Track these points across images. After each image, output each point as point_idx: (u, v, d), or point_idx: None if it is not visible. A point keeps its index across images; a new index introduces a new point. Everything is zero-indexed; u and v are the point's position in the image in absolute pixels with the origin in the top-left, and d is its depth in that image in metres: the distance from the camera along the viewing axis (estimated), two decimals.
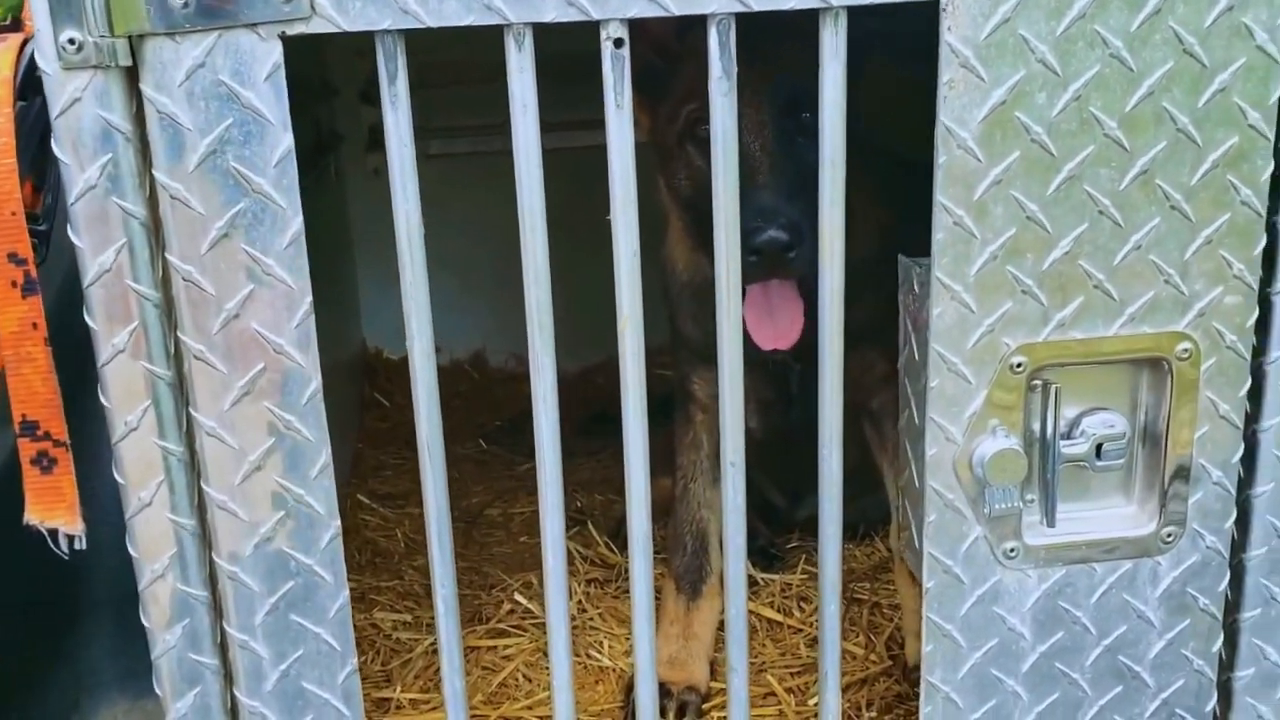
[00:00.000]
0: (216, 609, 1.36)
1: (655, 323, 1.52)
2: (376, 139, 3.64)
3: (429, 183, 1.30)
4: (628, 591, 2.28)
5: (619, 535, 2.46)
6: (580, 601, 2.23)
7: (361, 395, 3.34)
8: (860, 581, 2.25)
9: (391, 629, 2.15)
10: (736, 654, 1.47)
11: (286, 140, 1.22)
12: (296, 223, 1.24)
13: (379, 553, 2.46)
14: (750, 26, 1.26)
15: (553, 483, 1.38)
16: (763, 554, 2.34)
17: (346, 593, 1.37)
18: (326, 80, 3.13)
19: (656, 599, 1.56)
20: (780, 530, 2.46)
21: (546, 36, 1.25)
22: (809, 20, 1.27)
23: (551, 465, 1.37)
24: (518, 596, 2.23)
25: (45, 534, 1.31)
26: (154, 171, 1.21)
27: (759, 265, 1.61)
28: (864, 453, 2.07)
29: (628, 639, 2.12)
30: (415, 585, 2.31)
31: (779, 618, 2.17)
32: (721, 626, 2.06)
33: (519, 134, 1.26)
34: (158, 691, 1.37)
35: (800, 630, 2.13)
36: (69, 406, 1.90)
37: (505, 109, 1.28)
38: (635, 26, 1.23)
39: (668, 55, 1.82)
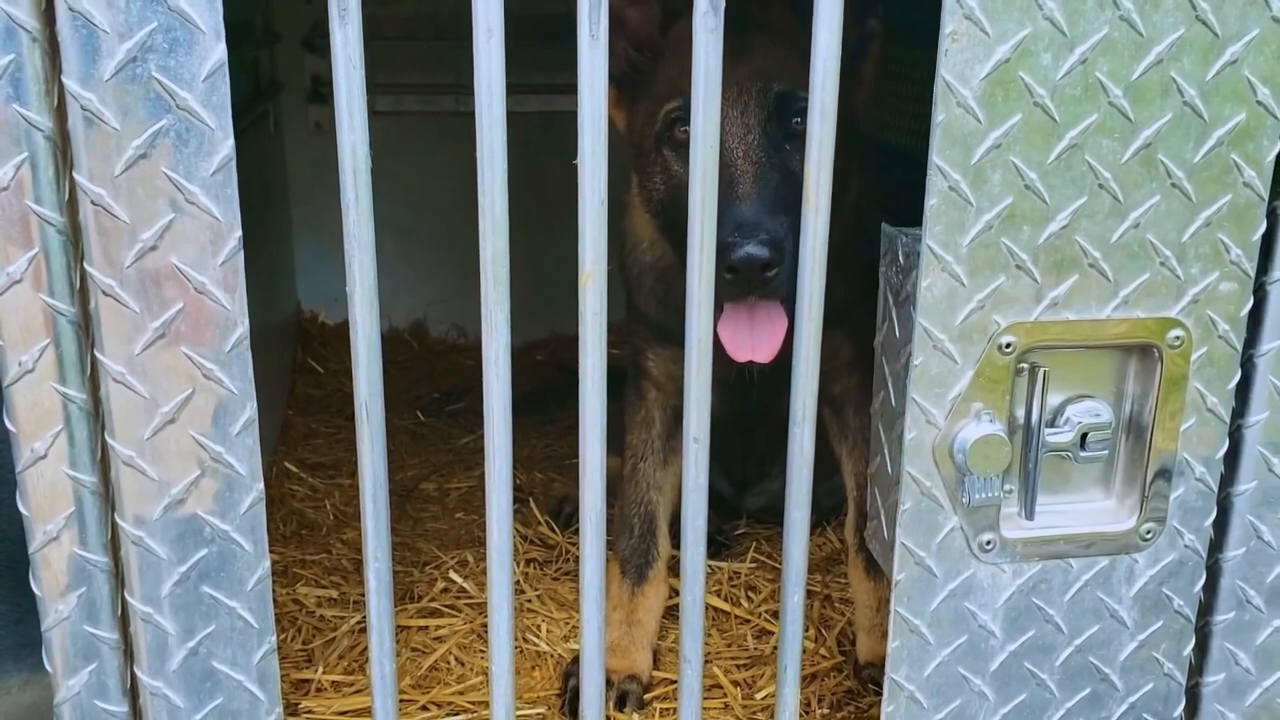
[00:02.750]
0: (118, 577, 1.22)
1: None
2: (319, 90, 3.49)
3: (373, 142, 1.16)
4: (568, 573, 2.18)
5: (559, 515, 2.36)
6: (519, 582, 2.12)
7: (294, 360, 3.18)
8: (811, 573, 2.16)
9: (315, 605, 2.01)
10: (691, 644, 1.37)
11: (219, 51, 1.08)
12: (227, 146, 1.11)
13: (306, 524, 2.32)
14: (741, 26, 1.15)
15: (501, 450, 1.26)
16: (710, 540, 2.24)
17: (267, 564, 1.24)
18: (268, 24, 2.95)
19: None
20: (728, 516, 2.37)
21: None
22: (804, 24, 1.19)
23: (501, 432, 1.25)
24: (452, 574, 2.11)
25: None
26: (63, 78, 1.07)
27: (735, 283, 1.47)
28: (821, 439, 1.98)
29: (567, 623, 2.01)
30: (343, 560, 2.18)
31: (726, 607, 2.07)
32: (668, 614, 1.97)
33: (481, 62, 1.13)
34: (48, 667, 1.23)
35: (748, 621, 2.04)
36: None
37: (456, 68, 1.15)
38: (615, 19, 1.11)
39: (649, 50, 1.70)
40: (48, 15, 1.07)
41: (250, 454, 1.20)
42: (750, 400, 1.98)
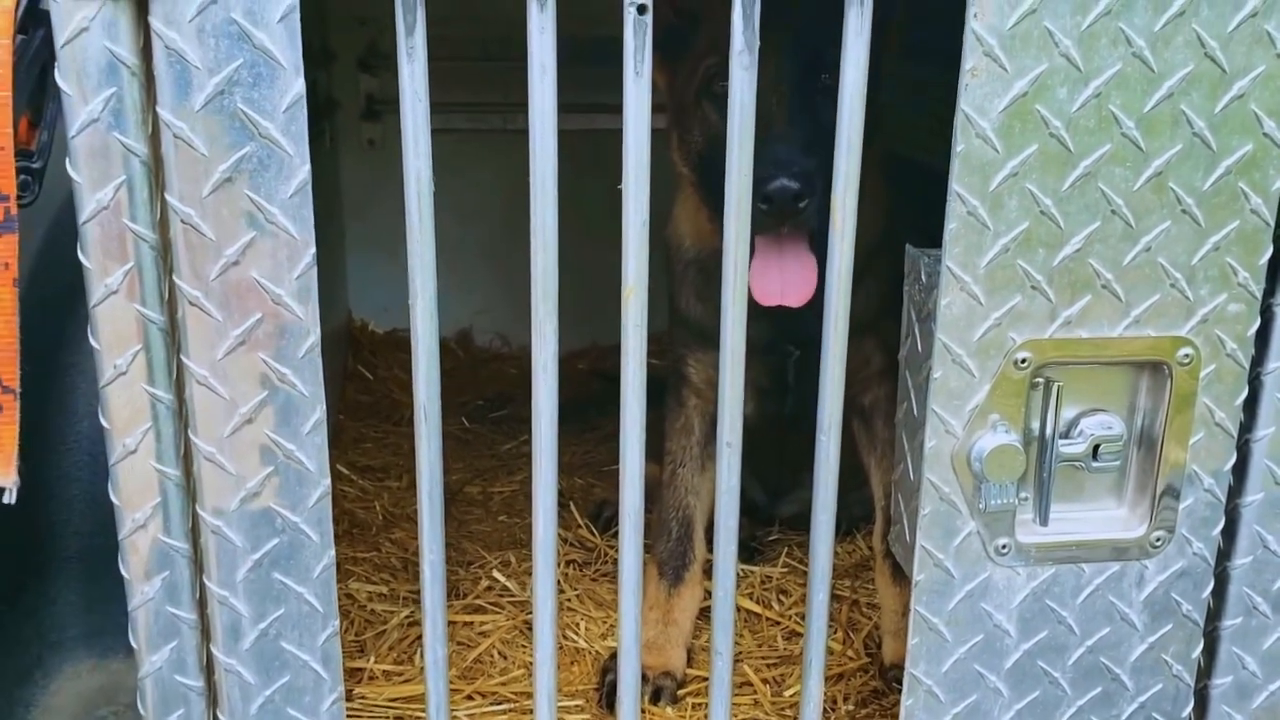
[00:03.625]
0: (197, 563, 1.33)
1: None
2: (373, 108, 3.62)
3: None
4: (606, 574, 2.28)
5: (599, 518, 2.45)
6: (559, 582, 2.20)
7: (345, 367, 3.31)
8: (841, 578, 2.24)
9: (366, 600, 2.12)
10: (722, 638, 1.46)
11: (298, 85, 1.19)
12: (304, 171, 1.22)
13: (356, 524, 2.43)
14: None
15: (547, 452, 1.36)
16: (743, 546, 2.32)
17: (332, 553, 1.35)
18: (325, 45, 3.09)
19: None
20: (761, 523, 2.45)
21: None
22: None
23: (548, 438, 1.35)
24: (496, 574, 2.21)
25: None
26: (158, 109, 1.18)
27: (769, 214, 1.59)
28: (850, 450, 2.06)
29: (605, 621, 2.10)
30: (392, 558, 2.29)
31: (758, 609, 2.16)
32: (702, 614, 2.05)
33: (535, 98, 1.24)
34: (133, 644, 1.34)
35: (778, 623, 2.13)
36: (47, 360, 1.86)
37: (504, 87, 1.25)
38: None
39: (688, 16, 1.82)
40: (145, 52, 1.18)
41: (319, 451, 1.31)
42: (785, 407, 2.06)
